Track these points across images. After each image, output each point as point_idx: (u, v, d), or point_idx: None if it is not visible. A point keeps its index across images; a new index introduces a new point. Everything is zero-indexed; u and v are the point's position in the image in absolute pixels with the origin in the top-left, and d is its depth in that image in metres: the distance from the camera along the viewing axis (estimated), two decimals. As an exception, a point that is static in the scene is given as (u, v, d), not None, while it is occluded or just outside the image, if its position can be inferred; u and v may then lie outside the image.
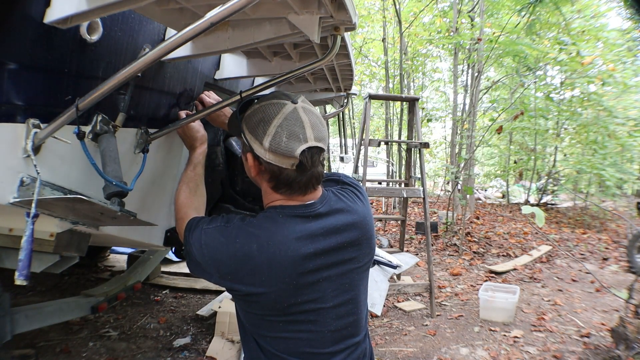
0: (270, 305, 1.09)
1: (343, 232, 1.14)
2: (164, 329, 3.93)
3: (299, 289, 1.09)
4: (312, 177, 1.10)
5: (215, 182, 2.51)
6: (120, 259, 5.56)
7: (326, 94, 3.73)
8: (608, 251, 7.62)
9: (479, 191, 14.83)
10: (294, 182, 1.09)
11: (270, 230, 1.08)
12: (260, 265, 1.05)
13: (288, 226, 1.09)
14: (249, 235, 1.07)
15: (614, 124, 9.70)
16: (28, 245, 1.06)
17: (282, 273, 1.06)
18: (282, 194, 1.12)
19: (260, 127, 1.07)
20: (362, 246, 1.19)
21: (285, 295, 1.08)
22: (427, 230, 4.71)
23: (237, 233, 1.09)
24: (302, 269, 1.08)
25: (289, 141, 1.04)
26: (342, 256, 1.14)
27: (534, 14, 7.41)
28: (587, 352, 3.60)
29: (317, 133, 1.08)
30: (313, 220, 1.11)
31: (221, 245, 1.09)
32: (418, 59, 11.98)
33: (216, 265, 1.09)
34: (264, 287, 1.06)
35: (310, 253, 1.08)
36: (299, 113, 1.08)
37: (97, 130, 1.36)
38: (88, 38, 1.22)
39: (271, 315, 1.11)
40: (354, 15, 1.19)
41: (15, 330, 2.59)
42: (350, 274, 1.16)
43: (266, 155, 1.06)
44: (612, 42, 9.53)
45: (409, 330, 4.18)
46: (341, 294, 1.15)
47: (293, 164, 1.05)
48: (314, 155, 1.07)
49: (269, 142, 1.05)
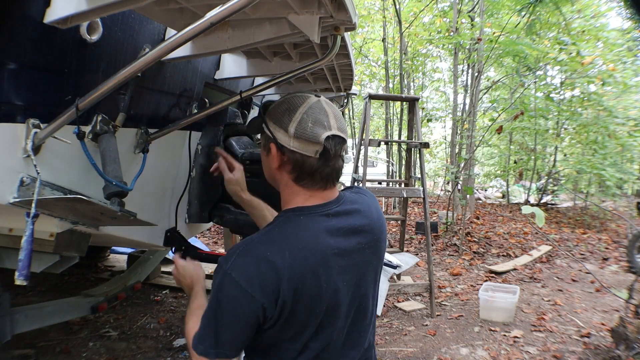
0: (306, 315, 1.03)
1: (360, 233, 1.13)
2: (164, 329, 3.93)
3: (330, 291, 1.05)
4: (333, 170, 1.10)
5: (215, 182, 2.51)
6: (120, 259, 5.55)
7: (326, 94, 3.73)
8: (608, 251, 7.62)
9: (479, 191, 14.83)
10: (316, 172, 1.08)
11: (297, 230, 1.06)
12: (297, 270, 1.00)
13: (311, 224, 1.07)
14: (277, 245, 1.02)
15: (614, 124, 9.70)
16: (28, 245, 1.06)
17: (317, 273, 1.03)
18: (304, 186, 1.10)
19: (285, 116, 1.08)
20: (377, 249, 1.17)
21: (319, 299, 1.04)
22: (427, 230, 4.71)
23: (264, 247, 1.02)
24: (329, 267, 1.05)
25: (314, 127, 1.05)
26: (360, 258, 1.12)
27: (534, 14, 7.41)
28: (587, 352, 3.60)
29: (339, 124, 1.10)
30: (333, 218, 1.10)
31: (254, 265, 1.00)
32: (418, 59, 11.99)
33: (260, 290, 0.99)
34: (303, 294, 1.01)
35: (335, 252, 1.06)
36: (323, 104, 1.10)
37: (97, 130, 1.36)
38: (88, 38, 1.22)
39: (301, 334, 1.05)
40: (354, 15, 1.19)
41: (15, 330, 2.58)
42: (364, 277, 1.14)
43: (290, 142, 1.06)
44: (612, 42, 9.53)
45: (409, 330, 4.18)
46: (353, 300, 1.12)
47: (317, 151, 1.05)
48: (337, 145, 1.08)
49: (295, 127, 1.05)
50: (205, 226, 3.58)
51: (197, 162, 2.47)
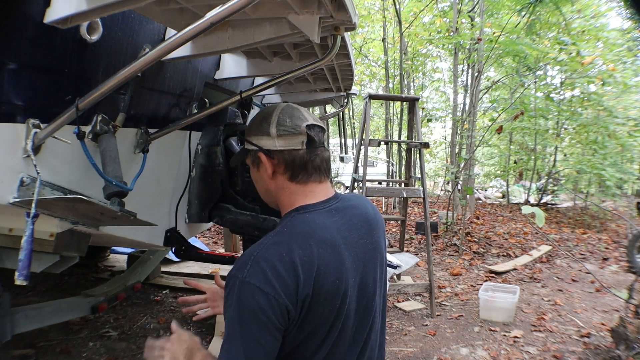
0: (325, 316, 1.01)
1: (361, 229, 1.14)
2: (164, 329, 3.93)
3: (343, 289, 1.03)
4: (323, 160, 1.12)
5: (215, 182, 2.51)
6: (120, 259, 5.55)
7: (326, 94, 3.74)
8: (608, 251, 7.62)
9: (479, 191, 14.83)
10: (308, 163, 1.09)
11: (306, 226, 1.04)
12: (313, 264, 0.98)
13: (318, 219, 1.07)
14: (287, 243, 1.00)
15: (614, 124, 9.69)
16: (28, 245, 1.06)
17: (330, 264, 1.01)
18: (300, 182, 1.11)
19: (263, 123, 1.11)
20: (378, 245, 1.18)
21: (331, 294, 1.01)
22: (427, 230, 4.71)
23: (278, 249, 0.99)
24: (341, 261, 1.04)
25: (293, 121, 1.09)
26: (364, 254, 1.12)
27: (534, 14, 7.41)
28: (587, 352, 3.60)
29: (313, 117, 1.14)
30: (336, 214, 1.11)
31: (273, 269, 0.96)
32: (418, 59, 11.98)
33: (284, 292, 0.95)
34: (323, 291, 0.99)
35: (344, 247, 1.06)
36: (292, 105, 1.15)
37: (97, 130, 1.36)
38: (88, 38, 1.22)
39: (307, 337, 1.02)
40: (354, 15, 1.20)
41: (15, 330, 2.59)
42: (368, 274, 1.13)
43: (276, 143, 1.08)
44: (612, 42, 9.52)
45: (409, 330, 4.18)
46: (361, 298, 1.11)
47: (303, 142, 1.08)
48: (319, 133, 1.11)
49: (275, 127, 1.08)
50: (205, 226, 3.58)
51: (197, 162, 2.47)
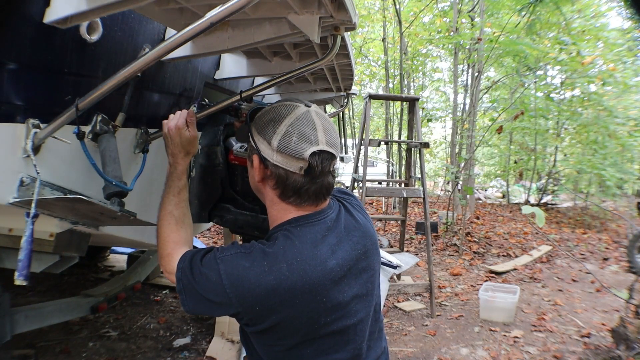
0: (303, 331, 1.00)
1: (353, 239, 1.09)
2: (163, 329, 3.93)
3: (330, 304, 1.02)
4: (322, 187, 1.04)
5: (215, 182, 2.51)
6: (120, 259, 5.55)
7: (326, 94, 3.73)
8: (608, 251, 7.62)
9: (479, 191, 14.82)
10: (302, 189, 1.01)
11: (295, 246, 1.00)
12: (294, 285, 0.97)
13: (309, 238, 1.02)
14: (275, 256, 0.98)
15: (614, 124, 9.70)
16: (28, 245, 1.06)
17: (316, 288, 0.99)
18: (291, 203, 1.04)
19: (270, 127, 1.01)
20: (372, 253, 1.15)
21: (318, 314, 1.00)
22: (427, 230, 4.71)
23: (263, 256, 0.98)
24: (331, 281, 1.01)
25: (299, 141, 0.98)
26: (359, 264, 1.09)
27: (534, 14, 7.41)
28: (587, 352, 3.60)
29: (329, 138, 1.02)
30: (330, 230, 1.06)
31: (247, 271, 0.96)
32: (418, 58, 11.98)
33: (241, 296, 0.96)
34: (297, 309, 0.98)
35: (334, 264, 1.03)
36: (312, 115, 1.02)
37: (97, 130, 1.36)
38: (88, 38, 1.22)
39: (300, 345, 1.02)
40: (354, 15, 1.19)
41: (15, 330, 2.59)
42: (366, 283, 1.11)
43: (274, 156, 1.00)
44: (613, 41, 9.53)
45: (409, 330, 4.18)
46: (363, 307, 1.10)
47: (301, 168, 0.99)
48: (325, 161, 1.01)
49: (278, 141, 0.99)
50: (205, 226, 3.58)
51: (197, 162, 2.47)
